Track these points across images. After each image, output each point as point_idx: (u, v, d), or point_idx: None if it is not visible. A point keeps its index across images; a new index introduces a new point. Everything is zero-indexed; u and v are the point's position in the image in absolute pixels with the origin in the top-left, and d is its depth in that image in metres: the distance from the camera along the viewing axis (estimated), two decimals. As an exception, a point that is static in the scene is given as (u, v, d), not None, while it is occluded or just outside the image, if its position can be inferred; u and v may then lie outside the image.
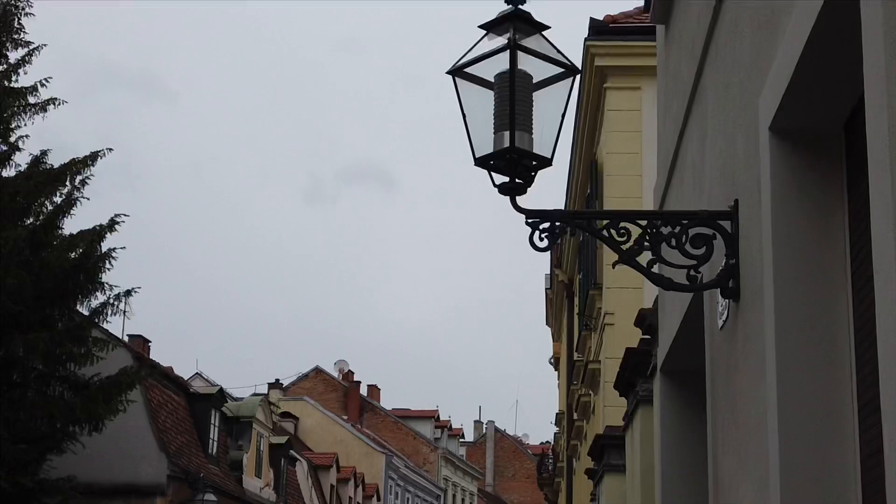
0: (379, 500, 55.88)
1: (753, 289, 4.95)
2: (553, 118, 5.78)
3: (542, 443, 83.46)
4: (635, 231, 5.66)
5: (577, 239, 24.64)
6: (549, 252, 37.99)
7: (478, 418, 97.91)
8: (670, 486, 8.30)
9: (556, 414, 37.51)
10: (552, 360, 43.31)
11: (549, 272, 39.13)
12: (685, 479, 8.16)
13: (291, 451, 40.58)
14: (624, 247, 5.62)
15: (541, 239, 5.61)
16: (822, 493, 4.25)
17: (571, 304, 27.93)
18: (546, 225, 5.62)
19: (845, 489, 4.22)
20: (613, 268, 5.97)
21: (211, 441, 31.22)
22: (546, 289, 41.93)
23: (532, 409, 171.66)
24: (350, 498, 49.22)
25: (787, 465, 4.31)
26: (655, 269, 5.82)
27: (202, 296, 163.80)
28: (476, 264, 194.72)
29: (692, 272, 5.56)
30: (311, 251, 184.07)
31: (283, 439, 38.97)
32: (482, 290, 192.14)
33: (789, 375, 4.39)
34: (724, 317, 5.58)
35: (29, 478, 21.63)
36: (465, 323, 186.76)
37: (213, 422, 31.47)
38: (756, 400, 4.80)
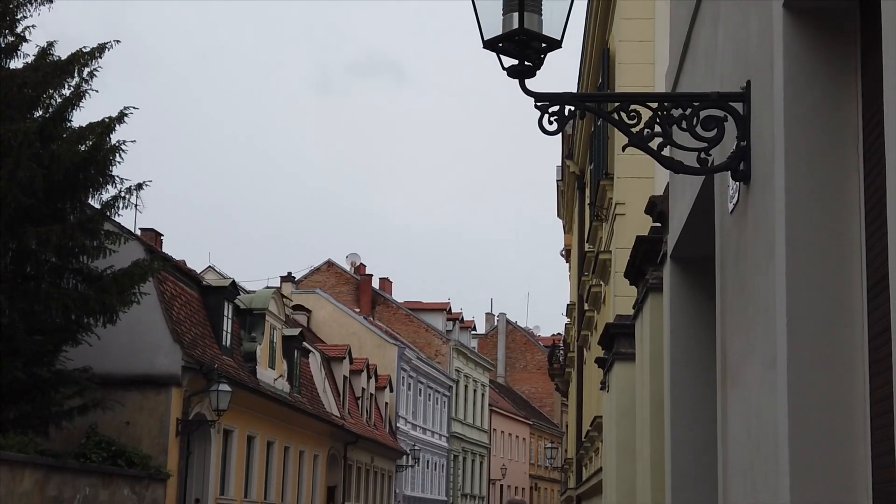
0: (391, 391, 56.53)
1: (764, 171, 4.91)
2: (563, -1, 5.69)
3: (553, 334, 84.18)
4: (646, 114, 5.60)
5: (588, 130, 24.50)
6: (560, 143, 37.83)
7: (489, 310, 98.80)
8: (679, 372, 8.36)
9: (567, 305, 37.73)
10: (563, 252, 43.44)
11: (560, 164, 39.03)
12: (694, 365, 8.22)
13: (304, 343, 40.93)
14: (634, 130, 5.57)
15: (550, 122, 5.57)
16: (830, 370, 4.27)
17: (582, 195, 27.90)
18: (555, 108, 5.57)
19: (853, 366, 4.24)
20: (623, 151, 5.92)
21: (224, 333, 31.48)
22: (557, 180, 41.88)
23: (543, 301, 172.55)
24: (363, 389, 49.77)
25: (795, 343, 4.32)
26: (666, 152, 5.78)
27: (214, 190, 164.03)
28: (488, 156, 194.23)
29: (703, 155, 5.52)
30: (323, 144, 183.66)
31: (295, 331, 39.28)
32: (494, 183, 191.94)
33: (799, 256, 4.38)
34: (734, 200, 5.55)
35: (45, 369, 21.92)
36: (477, 215, 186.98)
37: (226, 314, 31.69)
38: (765, 281, 4.80)
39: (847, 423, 4.22)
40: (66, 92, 22.65)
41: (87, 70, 22.73)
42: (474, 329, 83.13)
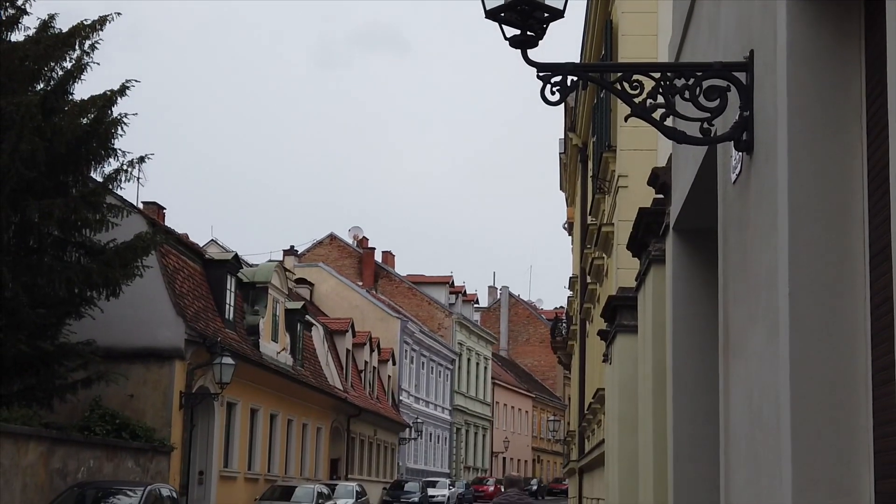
0: (394, 364, 56.65)
1: (767, 141, 4.90)
2: (566, -32, 5.65)
3: (555, 307, 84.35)
4: (648, 84, 5.58)
5: (590, 102, 24.44)
6: (563, 116, 37.74)
7: (492, 284, 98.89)
8: (681, 343, 8.37)
9: (570, 278, 37.75)
10: (566, 225, 43.43)
11: (562, 136, 38.96)
12: (696, 336, 8.23)
13: (307, 316, 40.99)
14: (637, 100, 5.55)
15: (552, 93, 5.54)
16: (832, 340, 4.27)
17: (585, 167, 27.86)
18: (558, 78, 5.54)
19: (855, 336, 4.24)
20: (626, 121, 5.91)
21: (227, 306, 31.51)
22: (560, 153, 41.81)
23: (546, 275, 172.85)
24: (366, 362, 49.87)
25: (797, 313, 4.32)
26: (668, 122, 5.76)
27: (216, 163, 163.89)
28: (490, 129, 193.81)
29: (706, 125, 5.50)
30: (325, 117, 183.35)
31: (298, 304, 39.33)
32: (497, 156, 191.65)
33: (801, 226, 4.38)
34: (737, 171, 5.54)
35: (49, 342, 21.96)
36: (480, 189, 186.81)
37: (229, 287, 31.72)
38: (768, 251, 4.80)
39: (848, 393, 4.23)
40: (68, 65, 22.62)
41: (88, 43, 22.68)
42: (477, 302, 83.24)
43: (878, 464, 4.07)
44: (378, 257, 71.96)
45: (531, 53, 5.60)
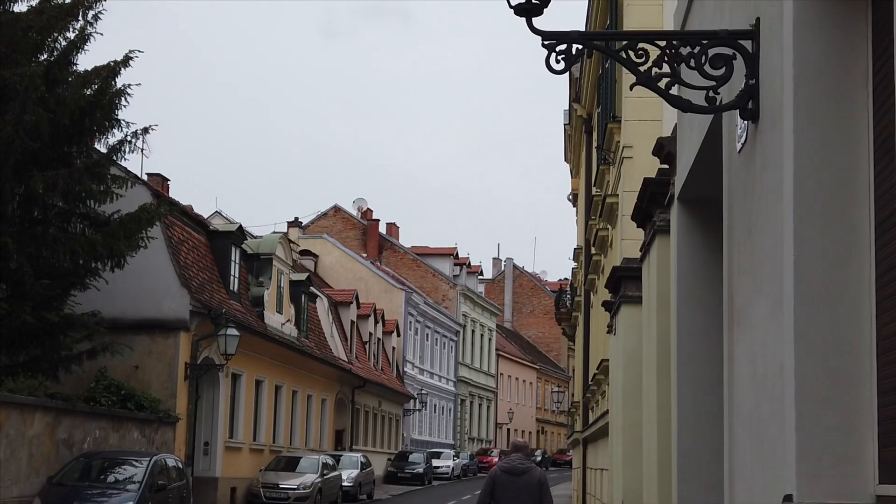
0: (399, 335, 56.74)
1: (773, 109, 4.88)
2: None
3: (559, 279, 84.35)
4: (654, 53, 5.55)
5: (595, 73, 24.36)
6: (567, 87, 37.61)
7: (496, 255, 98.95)
8: (686, 313, 8.37)
9: (574, 249, 37.74)
10: (570, 196, 43.37)
11: (567, 108, 38.86)
12: (701, 306, 8.22)
13: (312, 288, 41.02)
14: (642, 69, 5.52)
15: (557, 61, 5.52)
16: (837, 308, 4.26)
17: (590, 138, 27.80)
18: (563, 47, 5.52)
19: (860, 304, 4.23)
20: (631, 90, 5.88)
21: (232, 278, 31.53)
22: (564, 124, 41.71)
23: (550, 246, 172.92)
24: (370, 334, 49.94)
25: (802, 281, 4.31)
26: (674, 91, 5.73)
27: (220, 135, 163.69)
28: (496, 100, 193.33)
29: (711, 94, 5.48)
30: (330, 88, 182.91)
31: (303, 276, 39.35)
32: (502, 127, 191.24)
33: (806, 194, 4.36)
34: (742, 139, 5.52)
35: (54, 313, 21.98)
36: (484, 160, 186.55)
37: (233, 259, 31.72)
38: (773, 220, 4.78)
39: (853, 361, 4.22)
40: (71, 35, 22.53)
41: (91, 13, 22.58)
42: (481, 274, 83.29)
43: (882, 432, 4.07)
44: (382, 229, 71.94)
45: (536, 22, 5.58)
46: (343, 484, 35.59)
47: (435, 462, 54.48)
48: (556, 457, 79.60)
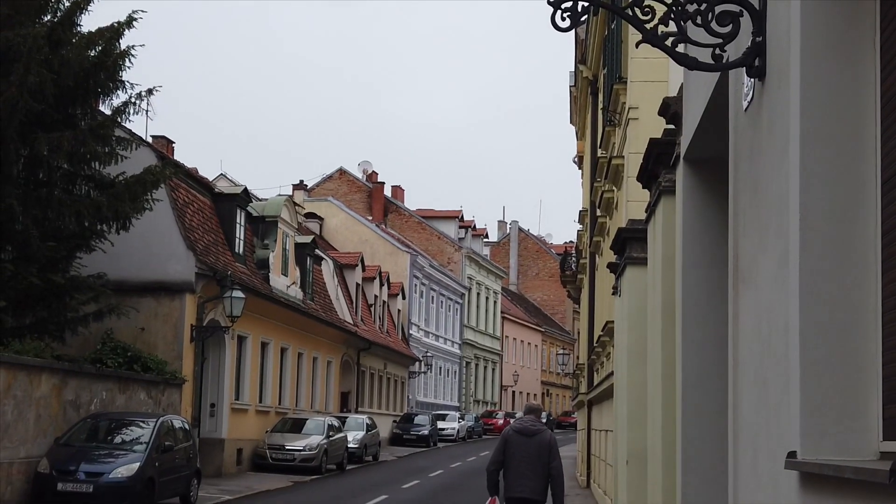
0: (404, 298, 56.80)
1: (780, 67, 4.85)
2: None
3: (565, 241, 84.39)
4: (660, 10, 5.52)
5: (601, 33, 24.23)
6: (573, 48, 37.41)
7: (501, 218, 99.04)
8: (691, 274, 8.37)
9: (580, 211, 37.70)
10: (576, 159, 43.28)
11: (573, 69, 38.69)
12: (706, 266, 8.22)
13: (317, 251, 41.03)
14: (648, 26, 5.49)
15: (563, 19, 5.49)
16: (842, 267, 4.25)
17: (596, 100, 27.70)
18: (568, 4, 5.48)
19: (865, 262, 4.23)
20: (637, 48, 5.85)
21: (237, 240, 31.53)
22: (570, 86, 41.55)
23: (556, 208, 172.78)
24: (375, 296, 49.99)
25: (807, 240, 4.30)
26: (680, 48, 5.70)
27: (225, 97, 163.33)
28: (501, 64, 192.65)
29: (717, 51, 5.44)
30: (336, 51, 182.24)
31: (308, 238, 39.34)
32: (507, 89, 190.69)
33: (813, 152, 4.34)
34: (748, 98, 5.49)
35: (60, 275, 22.03)
36: (490, 123, 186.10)
37: (238, 221, 31.71)
38: (779, 179, 4.77)
39: (858, 319, 4.22)
40: (75, -5, 22.44)
41: (95, -27, 22.48)
42: (486, 237, 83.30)
43: (886, 389, 4.07)
44: (388, 192, 71.86)
45: (541, -21, 5.54)
46: (349, 446, 35.76)
47: (440, 424, 54.70)
48: (561, 419, 79.90)
